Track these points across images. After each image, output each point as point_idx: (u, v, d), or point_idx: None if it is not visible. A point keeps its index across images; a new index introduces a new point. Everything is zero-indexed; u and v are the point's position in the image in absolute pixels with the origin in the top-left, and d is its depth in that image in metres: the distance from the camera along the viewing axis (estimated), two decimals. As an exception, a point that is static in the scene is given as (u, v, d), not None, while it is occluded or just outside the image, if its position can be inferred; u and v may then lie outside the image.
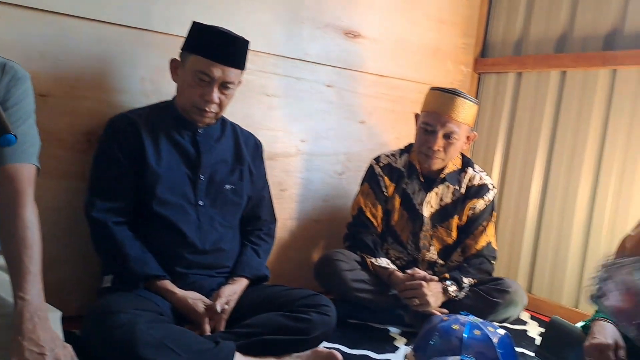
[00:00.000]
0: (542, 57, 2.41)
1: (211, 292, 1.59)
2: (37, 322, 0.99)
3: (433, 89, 2.07)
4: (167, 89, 1.73)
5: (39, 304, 1.02)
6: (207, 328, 1.51)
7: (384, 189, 2.12)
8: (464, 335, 1.54)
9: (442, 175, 2.09)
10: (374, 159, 2.17)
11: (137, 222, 1.57)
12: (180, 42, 1.62)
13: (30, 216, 1.10)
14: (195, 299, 1.54)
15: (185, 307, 1.53)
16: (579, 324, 1.59)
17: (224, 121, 1.74)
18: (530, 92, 2.47)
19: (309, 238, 2.33)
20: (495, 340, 1.54)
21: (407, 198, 2.12)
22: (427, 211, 2.10)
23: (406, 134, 2.43)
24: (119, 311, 1.32)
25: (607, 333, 1.38)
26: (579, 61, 2.26)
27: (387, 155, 2.17)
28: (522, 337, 2.02)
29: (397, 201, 2.13)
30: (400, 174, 2.13)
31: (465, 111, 1.99)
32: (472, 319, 1.62)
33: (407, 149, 2.18)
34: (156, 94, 1.79)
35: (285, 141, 2.19)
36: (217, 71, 1.53)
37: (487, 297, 1.95)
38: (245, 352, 1.43)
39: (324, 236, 2.36)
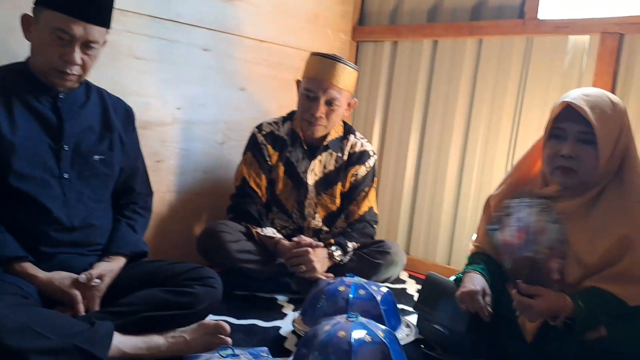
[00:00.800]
0: (415, 26, 2.50)
1: (83, 272, 1.46)
2: None
3: (313, 54, 2.06)
4: (18, 49, 1.53)
5: None
6: (81, 308, 1.40)
7: (267, 158, 2.09)
8: (349, 295, 1.59)
9: (325, 143, 2.10)
10: (256, 127, 2.13)
11: None
12: (34, -4, 1.43)
13: None
14: (63, 278, 1.41)
15: (52, 289, 1.39)
16: (452, 278, 1.70)
17: (88, 85, 1.58)
18: (405, 60, 2.56)
19: (191, 211, 2.25)
20: (378, 298, 1.60)
21: (291, 166, 2.11)
22: (311, 179, 2.11)
23: (288, 102, 2.41)
24: None
25: (475, 282, 1.49)
26: (449, 30, 2.38)
27: (270, 123, 2.13)
28: (402, 295, 2.13)
29: (281, 170, 2.11)
30: (284, 142, 2.11)
31: (346, 77, 2.01)
32: (357, 280, 1.67)
33: (290, 116, 2.16)
34: (7, 54, 1.58)
35: (160, 108, 2.07)
36: (79, 29, 1.38)
37: (370, 259, 2.02)
38: (125, 332, 1.34)
39: (206, 209, 2.29)
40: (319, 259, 1.92)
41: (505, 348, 1.52)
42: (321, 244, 1.97)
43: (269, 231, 2.02)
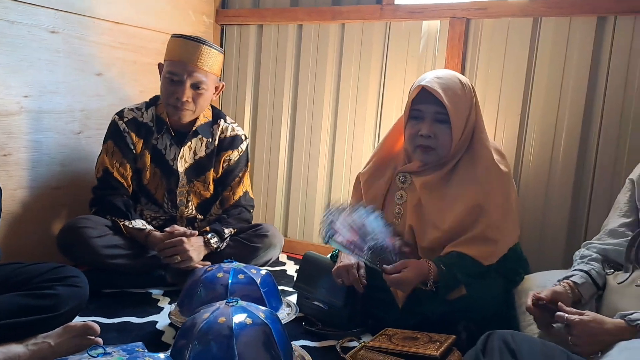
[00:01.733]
0: (279, 10, 2.51)
1: None
2: None
3: (175, 36, 1.97)
4: None
5: None
6: None
7: (131, 146, 1.98)
8: (228, 281, 1.57)
9: (194, 128, 2.03)
10: (117, 114, 2.00)
11: None
12: None
13: None
14: None
15: None
16: (328, 256, 1.76)
17: None
18: (272, 44, 2.56)
19: (48, 208, 2.06)
20: (258, 280, 1.60)
21: (159, 154, 2.02)
22: (181, 166, 2.04)
23: (151, 87, 2.30)
24: None
25: (350, 257, 1.58)
26: (312, 15, 2.41)
27: (131, 110, 2.01)
28: (283, 276, 2.17)
29: (148, 158, 2.01)
30: (149, 129, 2.01)
31: (212, 60, 1.95)
32: (236, 265, 1.66)
33: (153, 101, 2.06)
34: None
35: (3, 97, 1.86)
36: None
37: (248, 243, 2.01)
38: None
39: (66, 204, 2.12)
40: (195, 247, 1.87)
41: (380, 315, 1.62)
42: (195, 232, 1.92)
43: (138, 223, 1.92)
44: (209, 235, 1.93)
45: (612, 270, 1.32)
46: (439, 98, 1.52)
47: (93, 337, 1.34)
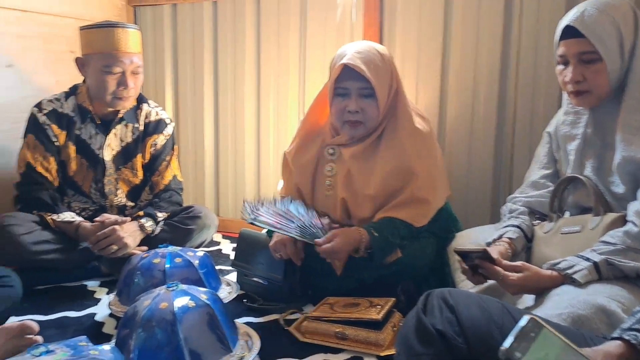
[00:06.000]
0: (192, -12, 2.47)
1: None
2: None
3: (89, 27, 1.91)
4: None
5: None
6: None
7: (53, 139, 1.93)
8: (166, 266, 1.59)
9: (120, 115, 2.01)
10: (35, 107, 1.94)
11: None
12: None
13: None
14: None
15: None
16: (264, 231, 1.80)
17: None
18: (187, 23, 2.52)
19: (-34, 209, 1.97)
20: (195, 263, 1.62)
21: (83, 144, 1.98)
22: (108, 155, 2.01)
23: (67, 76, 2.23)
24: None
25: None
26: (226, -9, 2.39)
27: (51, 101, 1.96)
28: (219, 256, 2.19)
29: (72, 149, 1.97)
30: (70, 120, 1.96)
31: (138, 40, 1.96)
32: (171, 249, 1.67)
33: (72, 91, 2.00)
34: None
35: None
36: None
37: (182, 226, 2.02)
38: None
39: (-16, 204, 2.03)
40: (130, 233, 1.86)
41: (320, 285, 1.67)
42: (127, 219, 1.91)
43: (66, 216, 1.89)
44: (143, 220, 1.92)
45: (538, 221, 1.41)
46: (362, 74, 1.55)
47: (32, 336, 1.32)
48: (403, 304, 1.52)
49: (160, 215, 1.99)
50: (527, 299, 1.21)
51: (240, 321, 1.50)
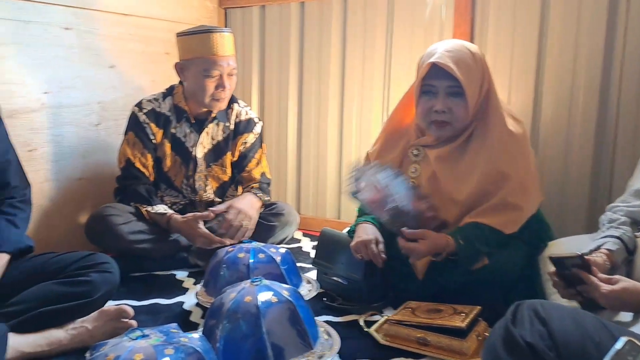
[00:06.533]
0: (281, -11, 2.52)
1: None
2: None
3: (186, 34, 2.00)
4: None
5: None
6: None
7: (151, 137, 2.04)
8: (250, 261, 1.64)
9: (213, 115, 2.09)
10: (136, 106, 2.06)
11: None
12: None
13: None
14: None
15: None
16: (345, 230, 1.81)
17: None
18: (275, 24, 2.58)
19: (73, 199, 2.14)
20: (278, 259, 1.67)
21: (178, 142, 2.08)
22: (200, 152, 2.10)
23: (160, 76, 2.36)
24: None
25: (368, 231, 1.61)
26: (314, -8, 2.42)
27: (150, 100, 2.07)
28: (300, 253, 2.22)
29: (168, 147, 2.07)
30: (167, 119, 2.06)
31: (232, 43, 2.03)
32: (255, 244, 1.73)
33: (169, 92, 2.11)
34: None
35: (25, 95, 1.92)
36: None
37: (264, 222, 2.08)
38: (22, 331, 1.30)
39: (89, 194, 2.20)
40: (250, 205, 2.00)
41: (400, 287, 1.64)
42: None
43: (160, 208, 2.00)
44: (254, 190, 2.06)
45: None
46: (452, 73, 1.50)
47: (127, 320, 1.42)
48: (489, 312, 1.43)
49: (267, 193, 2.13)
50: (625, 316, 1.13)
51: (319, 319, 1.51)
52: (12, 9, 1.85)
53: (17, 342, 1.27)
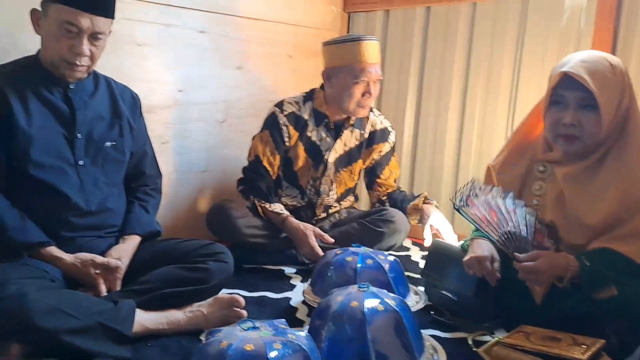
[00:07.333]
0: (407, -7, 2.50)
1: (102, 254, 1.52)
2: None
3: (334, 42, 2.05)
4: (26, 44, 1.58)
5: None
6: (103, 288, 1.46)
7: (285, 139, 2.09)
8: (357, 265, 1.64)
9: (351, 122, 2.13)
10: (277, 107, 2.10)
11: (15, 189, 1.45)
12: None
13: None
14: (85, 260, 1.46)
15: (75, 271, 1.45)
16: (458, 244, 1.75)
17: (96, 75, 1.62)
18: (398, 28, 2.56)
19: (196, 189, 2.29)
20: (386, 266, 1.65)
21: (313, 146, 2.13)
22: (332, 157, 2.14)
23: (283, 77, 2.45)
24: (6, 282, 1.24)
25: (483, 247, 1.53)
26: (441, -4, 2.37)
27: (291, 103, 2.11)
28: (407, 262, 2.18)
29: (301, 149, 2.13)
30: (305, 123, 2.11)
31: (378, 51, 2.06)
32: (364, 249, 1.72)
33: (310, 96, 2.15)
34: (15, 49, 1.61)
35: (162, 92, 2.10)
36: (86, 21, 1.41)
37: (373, 227, 2.07)
38: (146, 308, 1.41)
39: (210, 186, 2.34)
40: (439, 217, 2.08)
41: (514, 309, 1.55)
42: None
43: (277, 207, 2.07)
44: (430, 199, 2.14)
45: None
46: (585, 84, 1.39)
47: (238, 309, 1.49)
48: (614, 348, 1.32)
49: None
50: None
51: (425, 332, 1.47)
52: (156, 13, 2.02)
53: (143, 317, 1.38)
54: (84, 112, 1.54)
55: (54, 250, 1.45)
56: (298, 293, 1.80)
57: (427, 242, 2.00)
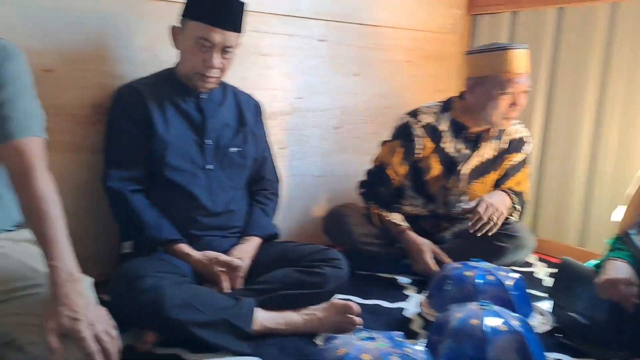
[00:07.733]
0: (538, -7, 2.36)
1: (224, 253, 1.60)
2: (70, 288, 0.98)
3: (479, 51, 1.96)
4: (164, 57, 1.72)
5: (71, 269, 1.01)
6: (226, 285, 1.53)
7: (417, 151, 2.01)
8: (477, 280, 1.57)
9: (491, 133, 2.03)
10: (411, 116, 2.02)
11: (152, 189, 1.60)
12: (177, 8, 1.59)
13: (44, 188, 1.07)
14: (211, 258, 1.55)
15: (202, 267, 1.55)
16: (591, 263, 1.61)
17: (224, 85, 1.73)
18: (526, 31, 2.42)
19: (311, 194, 2.33)
20: (508, 283, 1.57)
21: (447, 157, 2.04)
22: (466, 169, 2.05)
23: (399, 83, 2.42)
24: (145, 275, 1.37)
25: (619, 270, 1.40)
26: (576, -4, 2.20)
27: (427, 114, 2.03)
28: (531, 279, 2.03)
29: (435, 160, 2.04)
30: (441, 134, 2.02)
31: (528, 60, 1.93)
32: (484, 264, 1.65)
33: (447, 105, 2.06)
34: (154, 62, 1.76)
35: (282, 100, 2.17)
36: (217, 36, 1.53)
37: (496, 242, 1.95)
38: (264, 307, 1.47)
39: (325, 191, 2.36)
40: (500, 202, 1.93)
41: None
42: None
43: (396, 217, 2.03)
44: (512, 194, 1.99)
45: None
46: None
47: (352, 317, 1.49)
48: None
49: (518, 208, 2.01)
50: None
51: (550, 356, 1.39)
52: (280, 24, 2.10)
53: (262, 316, 1.45)
54: (213, 120, 1.66)
55: (184, 247, 1.56)
56: (412, 304, 1.76)
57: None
